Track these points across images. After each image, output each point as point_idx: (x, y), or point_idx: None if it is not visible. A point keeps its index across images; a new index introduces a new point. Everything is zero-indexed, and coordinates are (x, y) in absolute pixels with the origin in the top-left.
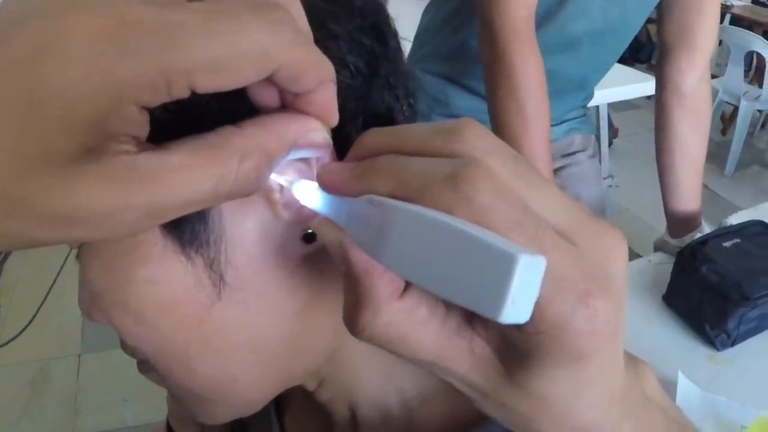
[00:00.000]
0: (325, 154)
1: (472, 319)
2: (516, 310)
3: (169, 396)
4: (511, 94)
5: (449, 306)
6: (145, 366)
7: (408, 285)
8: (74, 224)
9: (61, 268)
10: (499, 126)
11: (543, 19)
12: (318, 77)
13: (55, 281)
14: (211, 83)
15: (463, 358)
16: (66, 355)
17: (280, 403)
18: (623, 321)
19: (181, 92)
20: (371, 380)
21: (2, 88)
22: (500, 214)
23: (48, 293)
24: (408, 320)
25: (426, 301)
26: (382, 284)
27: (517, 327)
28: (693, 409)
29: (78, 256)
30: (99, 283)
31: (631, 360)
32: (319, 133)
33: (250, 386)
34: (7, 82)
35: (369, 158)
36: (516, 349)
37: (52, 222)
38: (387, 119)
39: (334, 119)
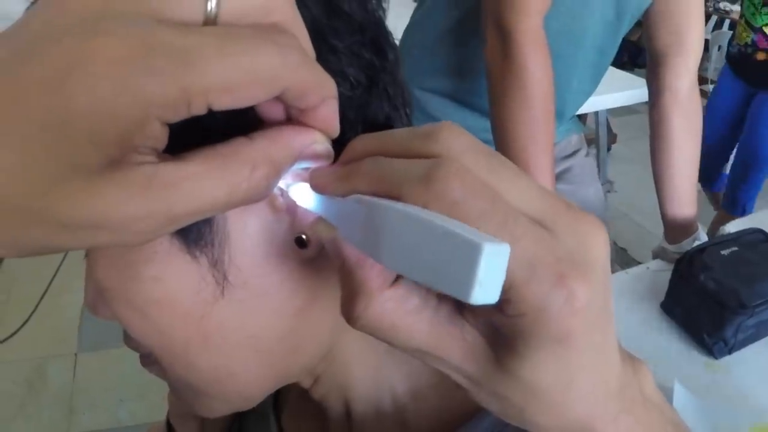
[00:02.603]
0: (326, 163)
1: (462, 308)
2: (484, 292)
3: (169, 394)
4: (523, 101)
5: (441, 296)
6: (148, 359)
7: (399, 276)
8: (98, 231)
9: (59, 266)
10: (504, 132)
11: (559, 32)
12: (321, 95)
13: (52, 280)
14: (226, 102)
15: (455, 345)
16: (63, 353)
17: (278, 401)
18: (611, 309)
19: (200, 110)
20: (364, 378)
21: (33, 107)
22: (470, 207)
23: (45, 291)
24: (400, 309)
25: (417, 291)
26: (373, 275)
27: (501, 311)
28: (689, 418)
29: (87, 254)
30: (105, 280)
31: (629, 358)
32: (322, 145)
33: (248, 382)
34: (37, 100)
35: (355, 161)
36: (503, 335)
37: (76, 230)
38: (386, 128)
39: (336, 132)
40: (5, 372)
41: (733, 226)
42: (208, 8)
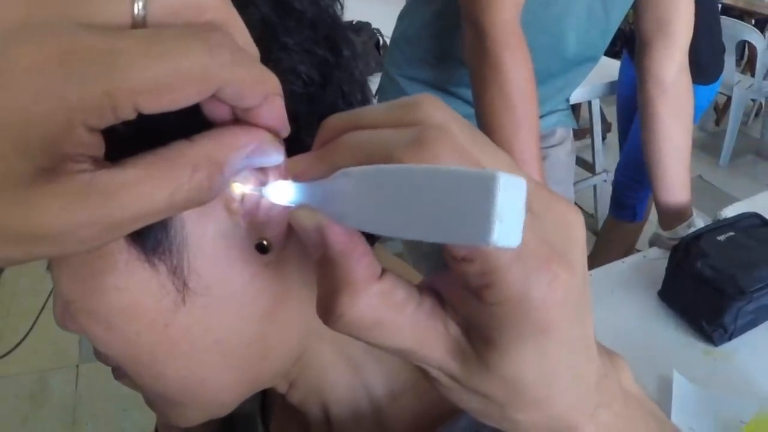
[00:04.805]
0: (280, 162)
1: (443, 302)
2: (505, 231)
3: None
4: (502, 96)
5: (423, 288)
6: (118, 372)
7: (384, 270)
8: (37, 242)
9: None
10: (488, 128)
11: (529, 22)
12: (262, 93)
13: (51, 292)
14: (154, 104)
15: (439, 342)
16: (64, 365)
17: (265, 406)
18: (588, 300)
19: (127, 114)
20: (339, 380)
21: None
22: None
23: (45, 304)
24: (385, 304)
25: (402, 284)
26: (361, 266)
27: (481, 299)
28: (690, 407)
29: (48, 267)
30: (69, 292)
31: (606, 351)
32: (270, 144)
33: (219, 388)
34: None
35: (333, 140)
36: (481, 330)
37: (14, 241)
38: None
39: (285, 129)
40: (7, 386)
41: (730, 211)
42: (136, 10)
